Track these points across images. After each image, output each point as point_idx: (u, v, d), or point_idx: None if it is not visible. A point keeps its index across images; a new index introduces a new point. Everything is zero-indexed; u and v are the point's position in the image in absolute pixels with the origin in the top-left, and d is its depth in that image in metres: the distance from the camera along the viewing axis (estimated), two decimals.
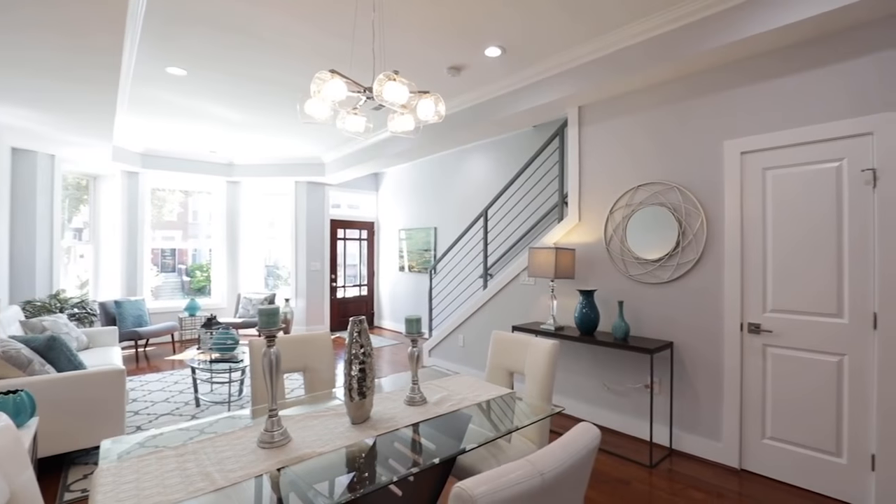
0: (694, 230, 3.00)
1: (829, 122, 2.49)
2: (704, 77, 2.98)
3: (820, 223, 2.53)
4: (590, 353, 3.59)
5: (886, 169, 2.32)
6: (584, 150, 3.67)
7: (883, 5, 2.23)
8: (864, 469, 2.41)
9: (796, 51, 2.62)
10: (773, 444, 2.71)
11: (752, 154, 2.78)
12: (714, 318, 2.92)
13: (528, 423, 1.77)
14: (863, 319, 2.40)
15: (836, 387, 2.49)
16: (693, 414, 3.03)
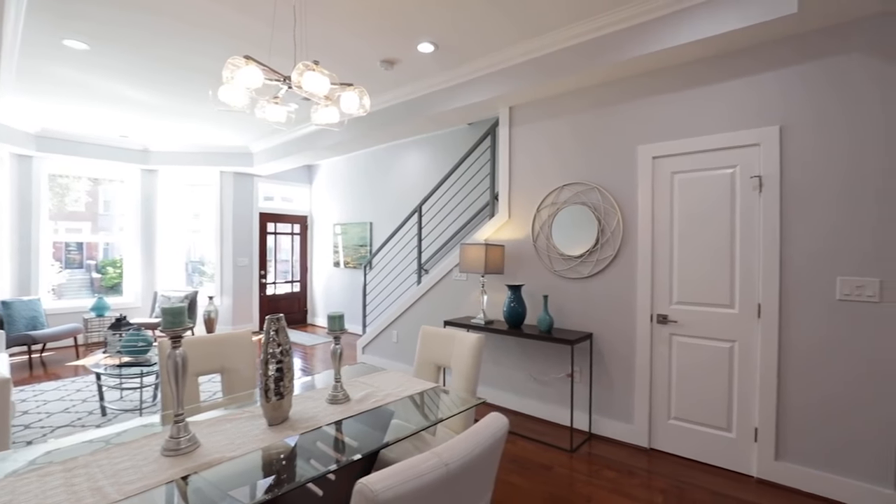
0: (612, 228, 3.21)
1: (726, 133, 2.76)
2: (624, 85, 3.19)
3: (717, 224, 2.81)
4: (518, 345, 3.73)
5: (769, 176, 2.62)
6: (515, 150, 3.79)
7: (768, 31, 2.51)
8: (748, 441, 2.72)
9: (700, 66, 2.87)
10: (678, 423, 2.98)
11: (662, 159, 3.01)
12: (628, 311, 3.15)
13: (448, 416, 1.81)
14: (749, 309, 2.70)
15: (727, 370, 2.78)
16: (609, 399, 3.25)
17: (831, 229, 2.46)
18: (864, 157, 2.38)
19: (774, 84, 2.62)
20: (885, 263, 2.33)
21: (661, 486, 2.64)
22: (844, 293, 2.42)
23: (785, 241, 2.59)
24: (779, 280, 2.59)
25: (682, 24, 2.69)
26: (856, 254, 2.40)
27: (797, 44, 2.56)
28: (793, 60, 2.57)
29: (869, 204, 2.37)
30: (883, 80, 2.34)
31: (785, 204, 2.59)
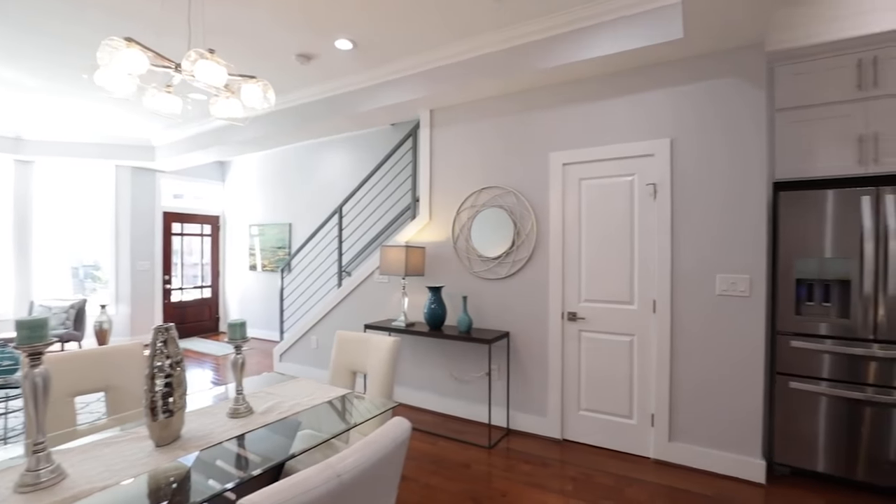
0: (527, 231, 3.34)
1: (626, 144, 3.00)
2: (538, 94, 3.34)
3: (619, 227, 3.03)
4: (438, 346, 3.76)
5: (662, 184, 2.88)
6: (435, 152, 3.81)
7: (661, 53, 2.76)
8: (646, 426, 2.97)
9: (605, 81, 3.09)
10: (587, 414, 3.17)
11: (571, 166, 3.20)
12: (541, 309, 3.30)
13: (358, 423, 1.76)
14: (646, 305, 2.95)
15: (628, 362, 3.01)
16: (525, 395, 3.38)
17: (712, 231, 2.76)
18: (737, 168, 2.71)
19: (666, 101, 2.89)
20: (753, 262, 2.66)
21: (571, 475, 2.78)
22: (723, 289, 2.73)
23: (675, 243, 2.86)
24: (670, 278, 2.86)
25: (589, 41, 2.87)
26: (731, 253, 2.72)
27: (685, 67, 2.85)
28: (681, 81, 2.85)
29: (740, 209, 2.69)
30: (752, 102, 2.67)
31: (675, 209, 2.86)
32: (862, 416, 2.53)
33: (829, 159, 2.70)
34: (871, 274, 2.51)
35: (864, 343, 2.53)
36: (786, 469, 2.75)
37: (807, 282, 2.66)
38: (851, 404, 2.55)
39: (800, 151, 2.77)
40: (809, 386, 2.64)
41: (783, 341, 2.70)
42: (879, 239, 2.49)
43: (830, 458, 2.60)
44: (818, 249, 2.62)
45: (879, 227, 2.49)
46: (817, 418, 2.63)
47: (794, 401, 2.68)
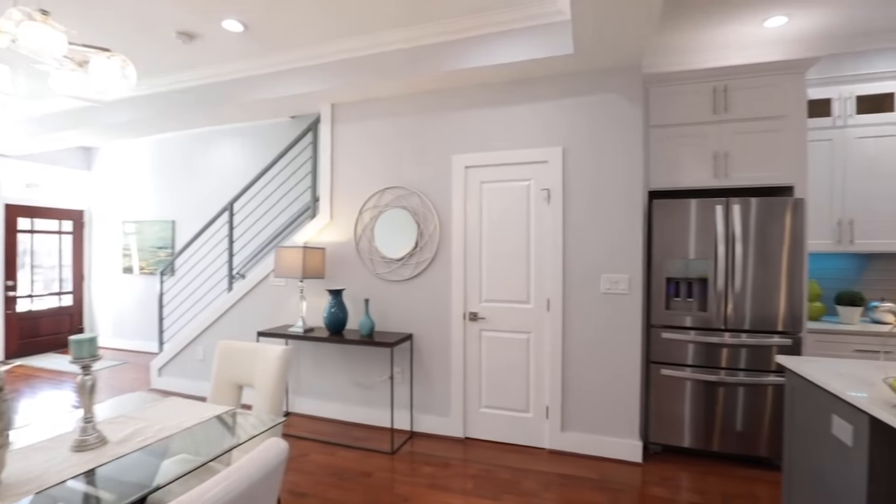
0: (430, 232, 3.34)
1: (523, 150, 3.13)
2: (444, 95, 3.35)
3: (517, 230, 3.16)
4: (340, 351, 3.61)
5: (555, 189, 3.05)
6: (337, 149, 3.65)
7: (555, 66, 2.92)
8: (542, 418, 3.13)
9: (506, 88, 3.19)
10: (488, 411, 3.25)
11: (473, 168, 3.26)
12: (444, 310, 3.32)
13: (238, 444, 1.59)
14: (541, 304, 3.11)
15: (525, 358, 3.15)
16: (429, 396, 3.38)
17: (598, 235, 2.99)
18: (618, 177, 2.96)
19: (559, 111, 3.07)
20: (632, 263, 2.93)
21: (473, 473, 2.83)
22: (607, 288, 2.97)
23: (567, 245, 3.05)
24: (562, 278, 3.04)
25: (489, 48, 2.94)
26: (614, 255, 2.96)
27: (575, 80, 3.04)
28: (572, 93, 3.05)
29: (621, 214, 2.95)
30: (631, 118, 2.94)
31: (566, 213, 3.05)
32: (716, 395, 2.91)
33: (691, 172, 3.07)
34: (722, 273, 2.90)
35: (717, 332, 2.91)
36: (658, 447, 3.07)
37: (675, 280, 2.99)
38: (709, 386, 2.93)
39: (669, 164, 3.11)
40: (677, 372, 2.97)
41: (656, 333, 3.01)
42: (728, 242, 2.89)
43: (694, 434, 2.95)
44: (684, 251, 2.96)
45: (729, 232, 2.89)
46: (683, 400, 2.97)
47: (664, 386, 3.00)
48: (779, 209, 2.81)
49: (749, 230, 2.85)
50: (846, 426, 1.66)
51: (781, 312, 2.81)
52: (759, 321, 2.84)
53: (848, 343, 2.94)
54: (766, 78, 2.95)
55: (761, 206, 2.83)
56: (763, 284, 2.84)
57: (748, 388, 2.86)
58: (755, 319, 2.85)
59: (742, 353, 2.87)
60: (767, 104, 2.94)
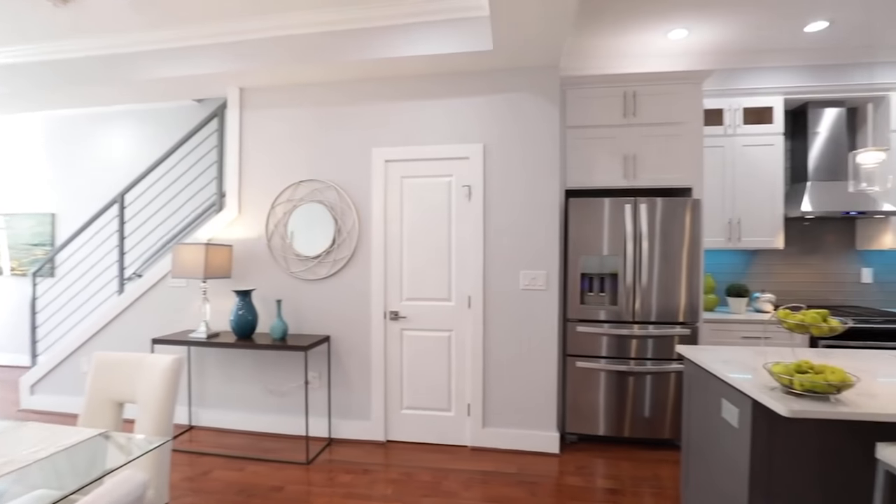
0: (348, 228, 3.18)
1: (445, 145, 3.07)
2: (364, 86, 3.19)
3: (438, 226, 3.10)
4: (250, 357, 3.33)
5: (475, 186, 3.04)
6: (247, 137, 3.36)
7: (476, 62, 2.89)
8: (463, 416, 3.11)
9: (428, 81, 3.11)
10: (410, 412, 3.17)
11: (393, 163, 3.15)
12: (364, 310, 3.18)
13: (107, 472, 1.36)
14: (462, 301, 3.08)
15: (447, 356, 3.11)
16: (348, 400, 3.23)
17: (517, 232, 3.02)
18: (537, 175, 3.01)
19: (480, 108, 3.05)
20: (549, 259, 3.00)
21: (393, 477, 2.73)
22: (525, 283, 3.01)
23: (487, 242, 3.05)
24: (483, 274, 3.04)
25: (409, 39, 2.85)
26: (532, 251, 3.01)
27: (496, 78, 3.05)
28: (493, 90, 3.05)
29: (540, 212, 3.00)
30: (549, 118, 2.99)
31: (487, 210, 3.05)
32: (627, 384, 3.07)
33: (604, 173, 3.20)
34: (631, 268, 3.06)
35: (627, 325, 3.07)
36: (574, 437, 3.18)
37: (589, 276, 3.11)
38: (620, 376, 3.08)
39: (584, 164, 3.22)
40: (591, 364, 3.09)
41: (571, 327, 3.11)
42: (636, 240, 3.05)
43: (607, 422, 3.09)
44: (597, 248, 3.08)
45: (636, 230, 3.05)
46: (597, 391, 3.10)
47: (580, 378, 3.11)
48: (679, 209, 3.02)
49: (655, 228, 3.04)
50: (733, 409, 1.79)
51: (682, 305, 3.03)
52: (663, 313, 3.04)
53: (736, 331, 3.24)
54: (668, 86, 3.15)
55: (665, 205, 3.03)
56: (666, 279, 3.03)
57: (654, 377, 3.05)
58: (660, 311, 3.04)
59: (649, 344, 3.05)
60: (670, 111, 3.15)
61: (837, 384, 1.44)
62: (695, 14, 3.00)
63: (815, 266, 3.74)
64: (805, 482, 1.67)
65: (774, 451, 1.67)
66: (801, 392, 1.50)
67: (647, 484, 2.65)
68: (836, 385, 1.44)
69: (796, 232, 3.74)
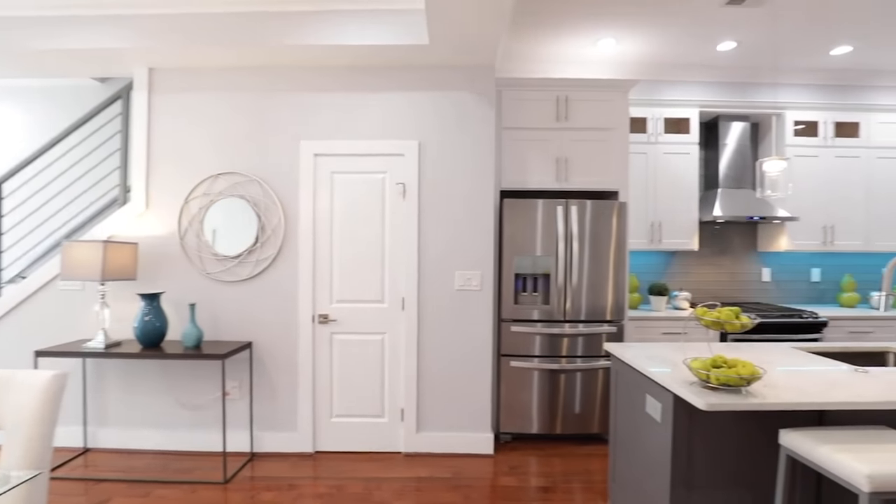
0: (273, 226, 2.96)
1: (378, 141, 2.96)
2: (292, 74, 2.99)
3: (371, 225, 2.97)
4: (159, 368, 3.00)
5: (410, 184, 2.95)
6: (157, 124, 3.02)
7: (412, 55, 2.80)
8: (397, 422, 3.00)
9: (361, 73, 2.98)
10: (340, 420, 3.01)
11: (323, 157, 2.98)
12: (291, 313, 2.98)
13: None
14: (396, 303, 2.98)
15: (380, 360, 2.99)
16: (273, 411, 3.00)
17: (452, 231, 2.98)
18: (473, 175, 2.98)
19: (417, 104, 2.97)
20: (484, 259, 2.98)
21: (321, 492, 2.57)
22: (460, 284, 2.97)
23: (422, 241, 2.97)
24: (417, 275, 2.96)
25: (336, 26, 2.70)
26: (467, 251, 2.98)
27: (433, 74, 2.98)
28: (430, 87, 2.98)
29: (475, 212, 2.98)
30: (486, 118, 2.98)
31: (422, 209, 2.97)
32: (558, 382, 3.13)
33: (537, 174, 3.25)
34: (562, 268, 3.12)
35: (559, 324, 3.13)
36: (508, 436, 3.19)
37: (523, 276, 3.13)
38: (552, 374, 3.13)
39: (519, 166, 3.25)
40: (525, 363, 3.12)
41: (505, 327, 3.12)
42: (567, 241, 3.12)
43: (540, 420, 3.13)
44: (531, 248, 3.11)
45: (567, 231, 3.12)
46: (531, 389, 3.13)
47: (514, 377, 3.13)
48: (607, 212, 3.13)
49: (585, 230, 3.12)
50: (656, 404, 1.85)
51: (609, 303, 3.14)
52: (592, 312, 3.14)
53: (657, 327, 3.42)
54: (598, 93, 3.26)
55: (594, 208, 3.12)
56: (595, 279, 3.13)
57: (584, 373, 3.14)
58: (589, 310, 3.13)
59: (579, 342, 3.13)
60: (599, 117, 3.26)
61: (748, 377, 1.52)
62: (620, 25, 3.13)
63: (725, 266, 4.06)
64: (720, 470, 1.76)
65: (693, 442, 1.75)
66: (717, 386, 1.57)
67: (577, 479, 2.70)
68: (746, 378, 1.52)
69: (709, 235, 4.04)
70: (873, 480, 1.34)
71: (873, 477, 1.34)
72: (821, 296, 4.10)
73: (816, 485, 1.78)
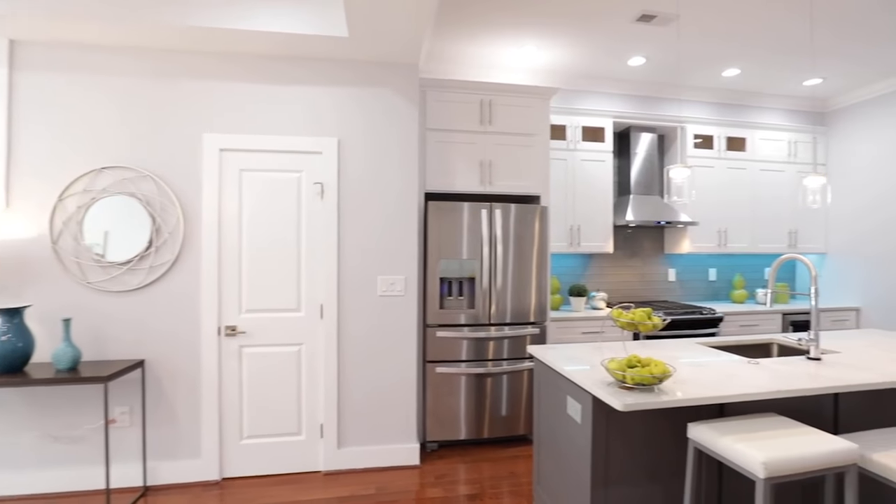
0: (170, 228, 2.63)
1: (294, 137, 2.75)
2: (194, 58, 2.68)
3: (285, 227, 2.75)
4: (21, 397, 2.53)
5: (329, 184, 2.78)
6: (21, 106, 2.56)
7: (329, 48, 2.64)
8: (316, 439, 2.80)
9: (273, 63, 2.74)
10: (251, 441, 2.74)
11: (231, 152, 2.71)
12: (192, 326, 2.66)
13: None
14: (314, 311, 2.78)
15: (296, 373, 2.77)
16: (172, 437, 2.66)
17: (375, 235, 2.84)
18: (396, 176, 2.87)
19: (337, 100, 2.81)
20: (408, 263, 2.88)
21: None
22: (383, 290, 2.85)
23: (342, 245, 2.81)
24: (337, 281, 2.78)
25: (254, 10, 2.47)
26: (390, 256, 2.86)
27: (354, 69, 2.83)
28: (351, 82, 2.83)
29: (398, 214, 2.87)
30: (409, 117, 2.89)
31: (342, 211, 2.81)
32: (485, 386, 3.11)
33: (462, 177, 3.22)
34: (487, 272, 3.12)
35: (485, 327, 3.11)
36: (435, 445, 3.11)
37: (448, 280, 3.08)
38: (479, 378, 3.10)
39: (444, 168, 3.20)
40: (451, 369, 3.06)
41: (431, 333, 3.04)
42: (492, 244, 3.12)
43: (468, 426, 3.09)
44: (456, 252, 3.07)
45: (492, 234, 3.12)
46: (458, 395, 3.07)
47: (440, 384, 3.06)
48: (530, 215, 3.18)
49: (509, 233, 3.14)
50: (577, 405, 1.87)
51: (533, 305, 3.18)
52: (517, 314, 3.16)
53: (577, 327, 3.54)
54: (521, 98, 3.31)
55: (518, 212, 3.16)
56: (519, 281, 3.16)
57: (510, 376, 3.15)
58: (514, 313, 3.15)
59: (505, 345, 3.14)
60: (522, 122, 3.31)
61: (660, 376, 1.57)
62: (541, 34, 3.21)
63: (636, 268, 4.32)
64: (637, 467, 1.81)
65: (611, 442, 1.78)
66: (632, 385, 1.61)
67: (505, 482, 2.68)
68: (658, 377, 1.57)
69: (622, 238, 4.28)
70: (768, 467, 1.43)
71: (768, 463, 1.43)
72: (716, 293, 4.51)
73: (718, 474, 1.90)
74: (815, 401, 2.00)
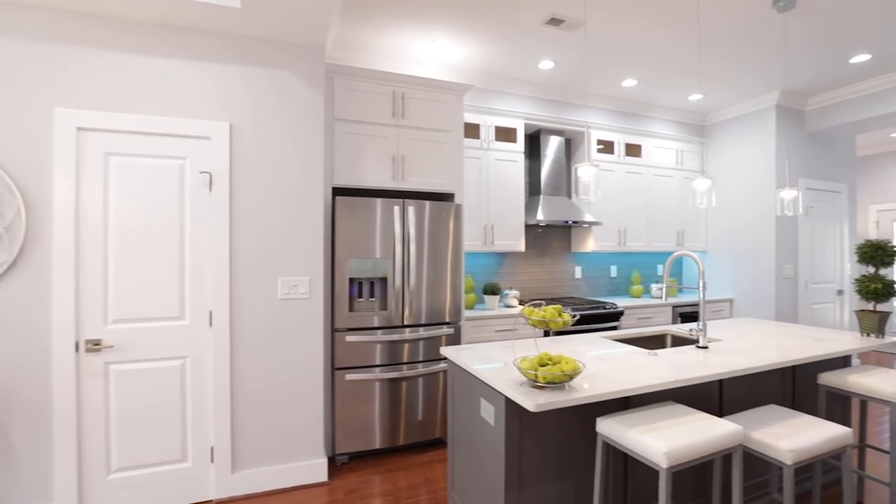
0: (7, 223, 2.13)
1: (176, 118, 2.38)
2: (41, 14, 2.18)
3: (166, 223, 2.38)
4: None
5: (219, 174, 2.45)
6: None
7: (219, 20, 2.32)
8: (205, 464, 2.45)
9: (150, 31, 2.35)
10: (122, 475, 2.32)
11: (93, 133, 2.27)
12: (38, 343, 2.18)
13: None
14: (201, 318, 2.44)
15: (180, 391, 2.40)
16: (12, 480, 2.16)
17: (274, 232, 2.57)
18: (299, 168, 2.63)
19: (229, 79, 2.49)
20: (313, 263, 2.65)
21: None
22: (284, 293, 2.58)
23: (234, 244, 2.49)
24: (229, 284, 2.47)
25: None
26: (293, 255, 2.61)
27: (250, 46, 2.53)
28: (245, 61, 2.52)
29: (302, 210, 2.63)
30: (314, 105, 2.65)
31: (234, 204, 2.50)
32: (400, 391, 2.97)
33: (373, 172, 3.05)
34: (399, 271, 2.98)
35: (399, 330, 2.97)
36: (345, 457, 2.90)
37: (358, 280, 2.89)
38: (393, 383, 2.95)
39: (353, 162, 3.00)
40: (363, 375, 2.87)
41: (340, 338, 2.84)
42: (405, 242, 3.00)
43: (383, 434, 2.92)
44: (367, 251, 2.89)
45: (405, 232, 2.99)
46: (372, 402, 2.89)
47: (351, 392, 2.86)
48: (445, 213, 3.10)
49: (423, 231, 3.04)
50: (490, 407, 1.81)
51: (448, 305, 3.11)
52: (431, 314, 3.06)
53: (491, 325, 3.54)
54: (434, 93, 3.22)
55: (432, 209, 3.06)
56: (433, 281, 3.07)
57: (425, 378, 3.04)
58: (428, 313, 3.05)
59: (420, 347, 3.03)
60: (435, 118, 3.23)
61: (570, 373, 1.55)
62: (452, 27, 3.15)
63: (546, 266, 4.46)
64: (549, 465, 1.79)
65: (524, 442, 1.74)
66: (544, 384, 1.57)
67: (421, 490, 2.57)
68: (569, 374, 1.55)
69: (533, 237, 4.40)
70: (669, 456, 1.47)
71: (669, 453, 1.47)
72: (617, 289, 4.83)
73: (624, 464, 1.95)
74: (705, 386, 2.15)
